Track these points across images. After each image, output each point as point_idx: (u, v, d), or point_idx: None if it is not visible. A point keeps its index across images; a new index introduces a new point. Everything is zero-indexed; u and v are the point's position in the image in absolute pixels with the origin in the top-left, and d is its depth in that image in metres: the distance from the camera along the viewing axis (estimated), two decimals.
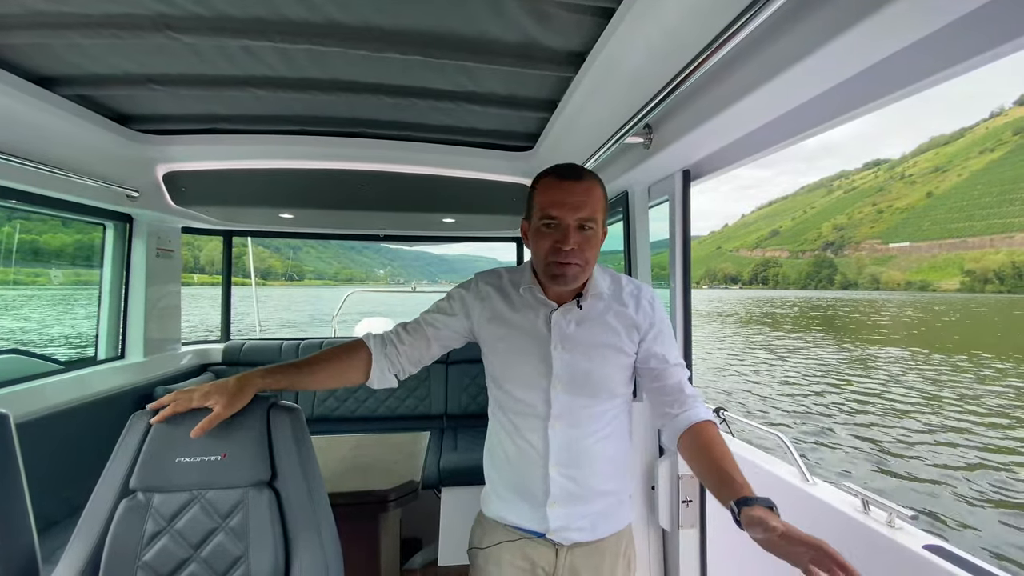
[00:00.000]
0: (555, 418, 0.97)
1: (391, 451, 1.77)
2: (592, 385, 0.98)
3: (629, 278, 1.08)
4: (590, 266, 0.96)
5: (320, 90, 1.43)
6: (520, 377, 1.00)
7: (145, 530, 0.86)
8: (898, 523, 1.21)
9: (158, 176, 1.97)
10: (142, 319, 2.34)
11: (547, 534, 0.98)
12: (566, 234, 0.91)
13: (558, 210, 0.91)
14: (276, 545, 0.88)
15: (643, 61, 1.05)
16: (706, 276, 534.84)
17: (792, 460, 1.45)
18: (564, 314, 1.00)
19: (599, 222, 0.95)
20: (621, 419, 1.03)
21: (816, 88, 0.81)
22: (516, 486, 1.01)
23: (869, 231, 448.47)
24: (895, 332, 30.88)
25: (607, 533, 1.01)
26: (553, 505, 0.97)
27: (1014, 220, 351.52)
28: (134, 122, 1.69)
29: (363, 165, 1.93)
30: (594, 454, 0.98)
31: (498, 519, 1.04)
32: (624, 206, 1.63)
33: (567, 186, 0.92)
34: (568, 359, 0.97)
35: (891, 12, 0.58)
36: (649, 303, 1.03)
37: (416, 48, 1.16)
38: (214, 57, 1.25)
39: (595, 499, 0.99)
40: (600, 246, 0.98)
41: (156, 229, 2.38)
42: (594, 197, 0.93)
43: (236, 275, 3.26)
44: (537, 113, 1.56)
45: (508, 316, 1.03)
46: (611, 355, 0.99)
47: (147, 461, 0.88)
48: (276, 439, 0.94)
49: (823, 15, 0.66)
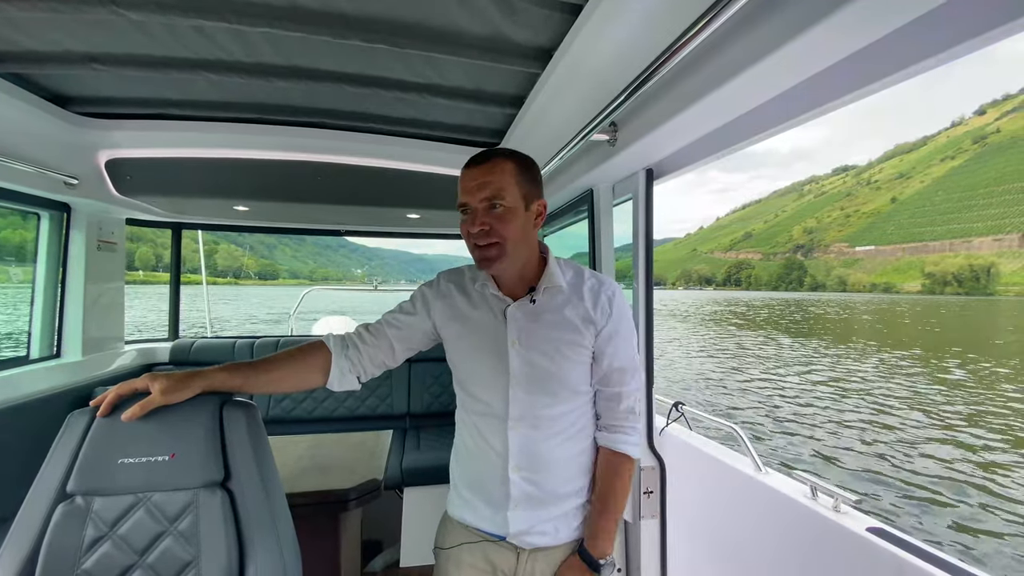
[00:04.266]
0: (514, 419, 0.96)
1: (352, 450, 1.77)
2: (551, 383, 0.97)
3: (594, 272, 1.07)
4: (510, 243, 0.92)
5: (278, 76, 1.41)
6: (479, 377, 1.00)
7: (84, 536, 0.83)
8: (843, 508, 1.34)
9: (100, 163, 1.90)
10: (80, 316, 2.25)
11: (507, 538, 0.98)
12: (473, 216, 0.92)
13: (465, 196, 0.93)
14: (230, 548, 0.87)
15: (610, 59, 1.09)
16: (682, 277, 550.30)
17: (746, 451, 1.56)
18: (519, 309, 0.99)
19: (513, 197, 0.92)
20: (584, 419, 1.02)
21: (776, 89, 0.87)
22: (477, 488, 1.02)
23: (837, 234, 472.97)
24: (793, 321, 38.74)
25: (570, 538, 1.00)
26: (514, 509, 0.97)
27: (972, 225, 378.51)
28: (74, 104, 1.63)
29: (323, 157, 1.90)
30: (556, 457, 0.97)
31: (460, 520, 1.05)
32: (589, 204, 1.70)
33: (472, 172, 0.93)
34: (525, 356, 0.97)
35: (846, 15, 0.62)
36: (608, 299, 1.00)
37: (381, 36, 1.16)
38: (163, 37, 1.21)
39: (557, 503, 0.98)
40: (530, 224, 0.96)
41: (97, 220, 2.29)
42: (499, 173, 0.91)
43: (209, 273, 3.17)
44: (503, 109, 1.59)
45: (467, 313, 1.03)
46: (570, 351, 0.97)
47: (87, 463, 0.85)
48: (230, 437, 0.93)
49: (783, 17, 0.71)
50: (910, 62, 0.71)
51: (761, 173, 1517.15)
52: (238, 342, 2.81)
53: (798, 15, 0.67)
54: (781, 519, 1.45)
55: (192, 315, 7.62)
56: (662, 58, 0.85)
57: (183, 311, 3.12)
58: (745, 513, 1.55)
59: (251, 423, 0.96)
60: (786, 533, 1.43)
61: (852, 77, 0.80)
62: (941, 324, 42.38)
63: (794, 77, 0.81)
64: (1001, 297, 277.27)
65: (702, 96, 0.92)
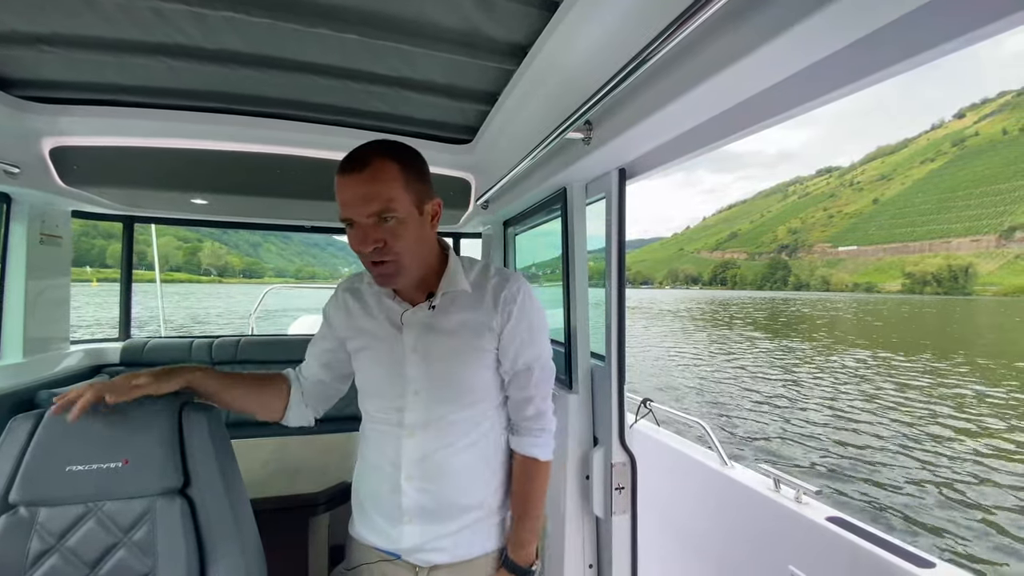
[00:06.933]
0: (410, 427, 0.95)
1: (321, 453, 1.77)
2: (451, 390, 0.95)
3: (500, 269, 1.04)
4: (407, 258, 0.89)
5: (242, 64, 1.39)
6: (376, 387, 1.00)
7: (29, 550, 0.81)
8: (804, 499, 1.44)
9: (44, 151, 1.84)
10: (21, 314, 2.17)
11: (402, 555, 0.97)
12: (363, 234, 0.85)
13: (347, 211, 0.85)
14: (189, 559, 0.85)
15: (586, 56, 1.11)
16: (668, 276, 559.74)
17: (712, 445, 1.63)
18: (415, 315, 0.97)
19: (404, 205, 0.86)
20: (487, 426, 0.99)
21: (752, 89, 0.90)
22: (373, 502, 1.00)
23: (821, 235, 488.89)
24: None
25: (474, 555, 0.98)
26: (408, 523, 0.95)
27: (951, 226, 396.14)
28: (17, 87, 1.57)
29: (289, 150, 1.88)
30: (453, 466, 0.95)
31: (359, 538, 1.03)
32: (563, 203, 1.74)
33: (351, 181, 0.84)
34: (424, 364, 0.95)
35: (823, 18, 0.64)
36: (510, 297, 0.97)
37: (351, 26, 1.16)
38: (118, 18, 1.18)
39: (455, 516, 0.96)
40: (425, 229, 0.92)
41: (40, 211, 2.21)
42: (383, 181, 0.84)
43: (191, 272, 3.09)
44: (477, 105, 1.61)
45: (363, 325, 1.02)
46: (471, 356, 0.96)
47: (31, 470, 0.83)
48: (190, 441, 0.91)
49: (762, 17, 0.73)
50: (888, 63, 0.73)
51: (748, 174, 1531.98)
52: (195, 342, 2.76)
53: (776, 16, 0.70)
54: (746, 511, 1.53)
55: (179, 313, 7.50)
56: (639, 56, 0.87)
57: (169, 309, 3.04)
58: (712, 506, 1.63)
59: (213, 426, 0.95)
60: (751, 524, 1.51)
61: (828, 78, 0.83)
62: (883, 321, 47.89)
63: (771, 77, 0.84)
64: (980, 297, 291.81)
65: (679, 95, 0.94)
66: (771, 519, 1.46)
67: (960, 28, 0.64)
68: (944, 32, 0.66)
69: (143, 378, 0.88)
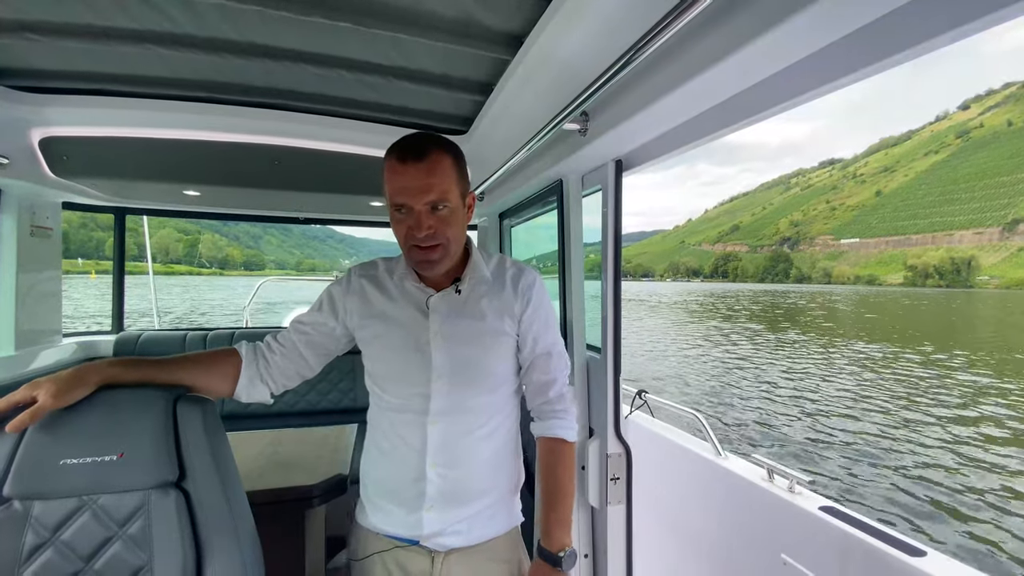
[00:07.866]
0: (435, 414, 0.97)
1: (315, 446, 1.79)
2: (475, 374, 0.99)
3: (515, 261, 1.10)
4: (454, 244, 0.96)
5: (233, 53, 1.38)
6: (398, 373, 1.00)
7: (24, 543, 0.82)
8: (798, 488, 1.47)
9: (33, 141, 1.83)
10: (12, 307, 2.17)
11: (421, 541, 0.98)
12: (419, 221, 0.91)
13: (404, 197, 0.90)
14: (185, 551, 0.86)
15: (582, 46, 1.11)
16: (670, 269, 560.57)
17: (707, 436, 1.65)
18: (442, 300, 1.01)
19: (455, 196, 0.94)
20: (504, 414, 1.04)
21: (750, 79, 0.90)
22: (390, 490, 1.01)
23: (823, 227, 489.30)
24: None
25: (487, 537, 1.01)
26: (428, 509, 0.97)
27: (954, 219, 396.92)
28: (5, 77, 1.56)
29: (281, 140, 1.87)
30: (476, 452, 0.99)
31: (371, 527, 1.03)
32: (559, 194, 1.74)
33: (410, 169, 0.90)
34: (449, 349, 0.98)
35: (821, 8, 0.65)
36: (528, 285, 1.05)
37: (345, 14, 1.15)
38: (105, 5, 1.17)
39: (473, 500, 0.99)
40: (465, 219, 0.99)
41: (30, 203, 2.21)
42: (441, 175, 0.91)
43: (192, 264, 3.10)
44: (472, 95, 1.60)
45: (384, 309, 1.03)
46: (494, 341, 1.00)
47: (24, 464, 0.83)
48: (185, 434, 0.92)
49: (759, 7, 0.74)
50: (885, 54, 0.74)
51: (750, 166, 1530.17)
52: (189, 334, 2.77)
53: (772, 8, 0.70)
54: (740, 500, 1.57)
55: (183, 304, 7.55)
56: (636, 47, 0.87)
57: (179, 301, 3.05)
58: (706, 496, 1.67)
59: (208, 419, 0.95)
60: (744, 514, 1.55)
61: (824, 70, 0.84)
62: (879, 313, 49.79)
63: (768, 68, 0.85)
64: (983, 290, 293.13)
65: (676, 86, 0.94)
66: (764, 508, 1.49)
67: (955, 20, 0.65)
68: (940, 23, 0.66)
69: (42, 395, 0.84)
